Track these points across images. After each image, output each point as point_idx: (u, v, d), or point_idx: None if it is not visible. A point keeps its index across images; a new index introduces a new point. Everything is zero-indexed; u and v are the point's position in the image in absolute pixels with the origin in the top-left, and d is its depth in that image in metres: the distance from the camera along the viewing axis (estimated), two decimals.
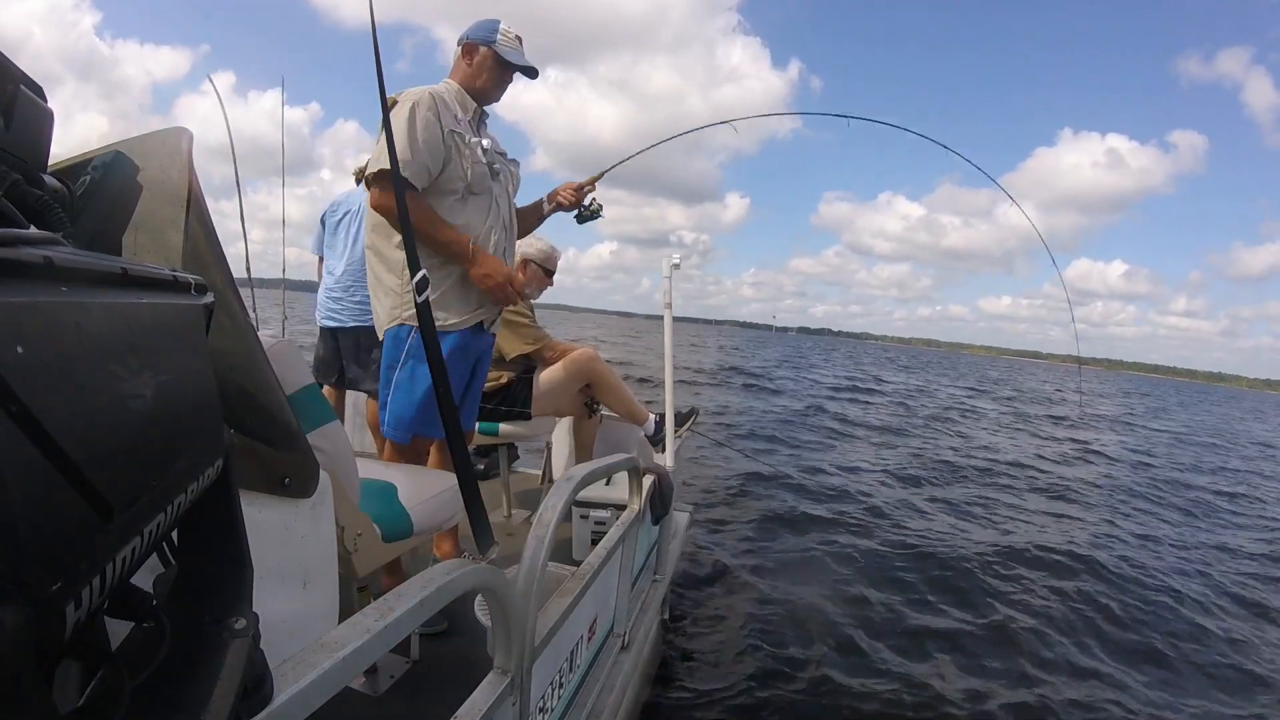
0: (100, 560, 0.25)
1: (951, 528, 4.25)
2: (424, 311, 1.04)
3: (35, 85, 0.47)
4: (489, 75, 1.72)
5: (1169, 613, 3.22)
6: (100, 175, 0.65)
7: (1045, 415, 12.86)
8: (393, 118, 1.54)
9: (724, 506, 4.34)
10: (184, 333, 0.38)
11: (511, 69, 1.74)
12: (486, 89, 1.74)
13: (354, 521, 1.20)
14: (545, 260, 2.48)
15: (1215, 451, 11.03)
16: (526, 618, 0.89)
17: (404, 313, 1.65)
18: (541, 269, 2.48)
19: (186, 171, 0.72)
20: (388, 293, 1.68)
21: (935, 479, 5.85)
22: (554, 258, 2.51)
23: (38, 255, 0.25)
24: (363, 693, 1.34)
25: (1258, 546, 4.78)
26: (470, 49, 1.71)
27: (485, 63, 1.71)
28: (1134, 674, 2.59)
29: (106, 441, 0.26)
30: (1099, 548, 4.12)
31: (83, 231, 0.58)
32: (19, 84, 0.45)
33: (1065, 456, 7.95)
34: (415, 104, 1.56)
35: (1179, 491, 6.73)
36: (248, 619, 0.40)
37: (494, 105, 1.80)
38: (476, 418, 2.02)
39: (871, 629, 2.73)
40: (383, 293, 1.69)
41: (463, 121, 1.69)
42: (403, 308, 1.66)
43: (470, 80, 1.73)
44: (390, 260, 1.67)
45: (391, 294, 1.67)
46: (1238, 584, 3.85)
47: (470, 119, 1.73)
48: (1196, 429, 15.46)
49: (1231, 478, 8.19)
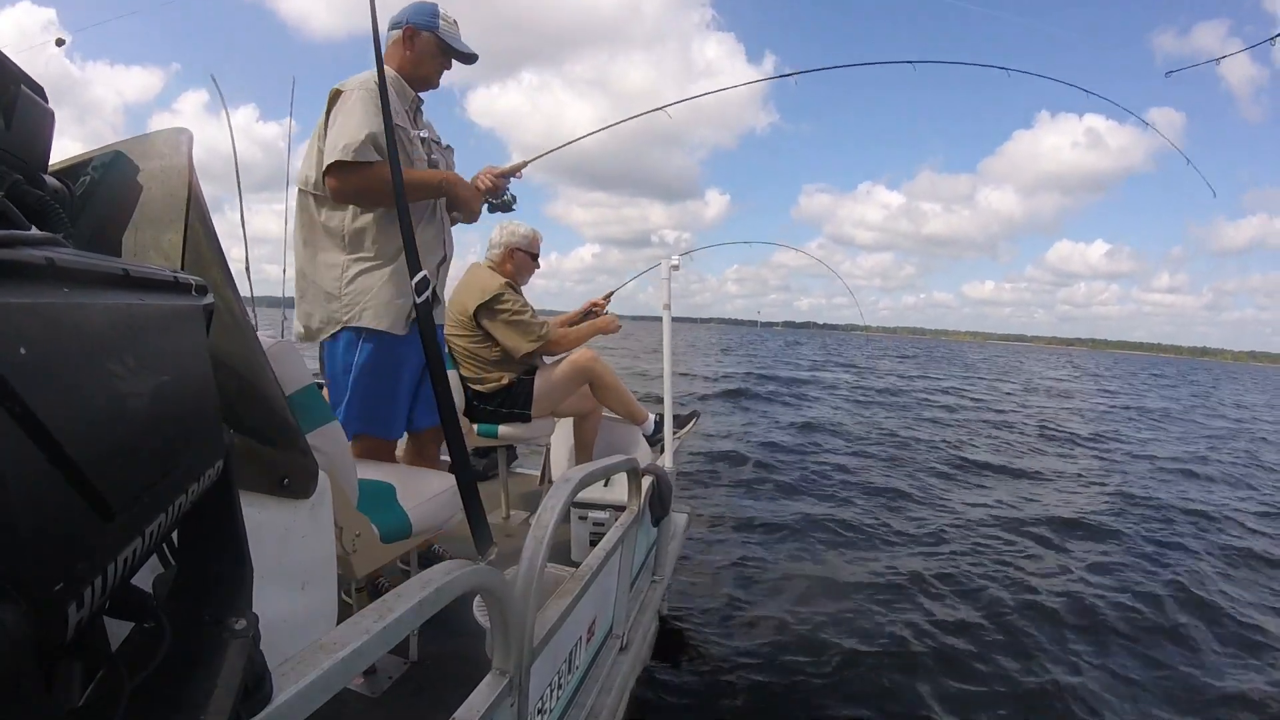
0: (102, 561, 0.25)
1: (955, 527, 4.25)
2: (424, 311, 1.04)
3: (36, 85, 0.47)
4: (431, 62, 1.67)
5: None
6: (100, 175, 0.65)
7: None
8: (345, 105, 1.51)
9: (723, 507, 4.34)
10: (185, 334, 0.39)
11: (453, 55, 1.69)
12: (428, 76, 1.69)
13: (352, 522, 1.20)
14: (529, 245, 2.46)
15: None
16: (525, 619, 0.89)
17: (344, 316, 1.61)
18: (528, 255, 2.46)
19: (187, 171, 0.72)
20: (328, 298, 1.63)
21: (941, 478, 5.86)
22: (537, 241, 2.49)
23: (40, 257, 0.25)
24: (361, 694, 1.34)
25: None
26: (411, 34, 1.64)
27: (428, 49, 1.65)
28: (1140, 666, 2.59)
29: (108, 443, 0.27)
30: (1118, 545, 4.11)
31: (83, 231, 0.58)
32: (20, 84, 0.45)
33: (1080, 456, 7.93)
34: (364, 92, 1.51)
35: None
36: (248, 619, 0.40)
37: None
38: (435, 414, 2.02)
39: (873, 629, 2.73)
40: (322, 298, 1.63)
41: (401, 113, 1.63)
42: (344, 311, 1.61)
43: (411, 67, 1.66)
44: (325, 265, 1.62)
45: (331, 299, 1.62)
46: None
47: (408, 109, 1.68)
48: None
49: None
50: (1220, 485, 6.35)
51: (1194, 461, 7.47)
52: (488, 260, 2.47)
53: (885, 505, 4.72)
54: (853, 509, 4.54)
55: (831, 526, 4.10)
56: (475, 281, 2.37)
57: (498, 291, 2.28)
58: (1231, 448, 9.05)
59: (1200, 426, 11.68)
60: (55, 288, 0.26)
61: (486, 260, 2.48)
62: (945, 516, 4.52)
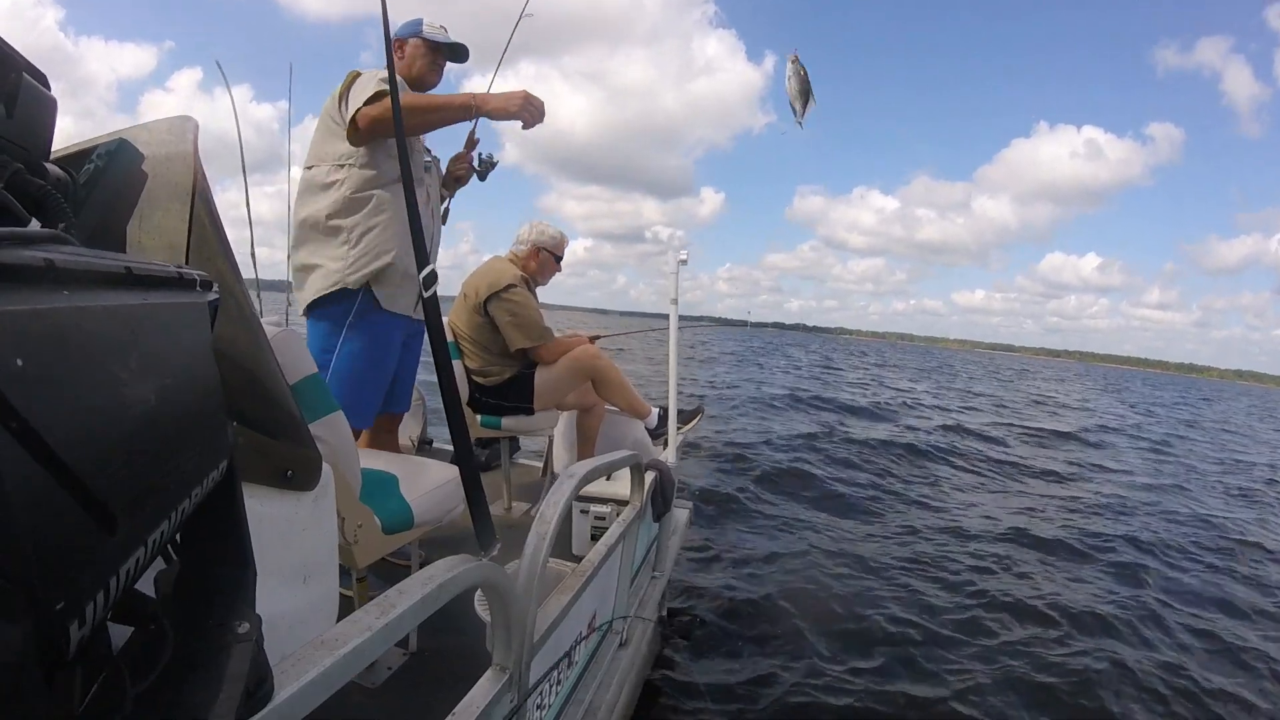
0: (105, 574, 0.25)
1: (959, 528, 4.25)
2: (430, 305, 1.03)
3: (39, 73, 0.46)
4: (422, 62, 1.81)
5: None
6: (104, 163, 0.64)
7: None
8: (363, 77, 1.64)
9: (725, 503, 4.34)
10: (189, 333, 0.38)
11: (441, 49, 1.83)
12: (423, 74, 1.82)
13: (355, 513, 1.20)
14: (556, 247, 2.50)
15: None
16: (526, 614, 0.89)
17: (350, 276, 1.64)
18: (552, 256, 2.49)
19: (192, 159, 0.71)
20: (333, 259, 1.66)
21: (948, 476, 5.86)
22: (564, 244, 2.52)
23: (39, 258, 0.25)
24: (360, 684, 1.35)
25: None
26: (399, 44, 1.79)
27: (416, 52, 1.80)
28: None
29: (109, 451, 0.26)
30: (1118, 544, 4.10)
31: (86, 221, 0.58)
32: (22, 71, 0.44)
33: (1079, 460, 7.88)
34: (380, 73, 1.61)
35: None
36: (250, 622, 0.40)
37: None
38: (411, 398, 2.05)
39: (873, 627, 2.73)
40: (328, 259, 1.66)
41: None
42: (345, 273, 1.64)
43: (406, 71, 1.80)
44: (333, 229, 1.65)
45: (336, 262, 1.65)
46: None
47: None
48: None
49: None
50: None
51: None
52: (510, 254, 2.49)
53: (889, 506, 4.72)
54: (856, 509, 4.54)
55: (835, 524, 4.11)
56: (490, 270, 2.37)
57: (511, 282, 2.30)
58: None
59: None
60: (55, 291, 0.25)
61: (509, 254, 2.50)
62: (957, 517, 4.51)
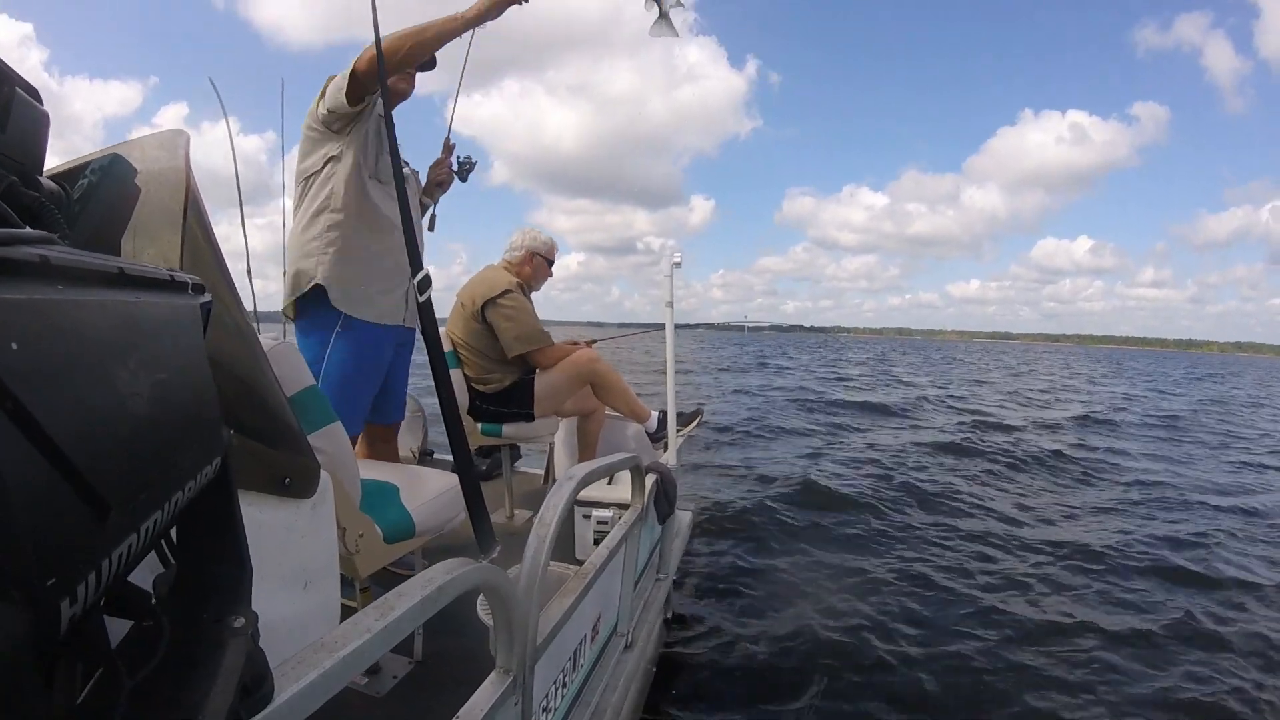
0: (96, 557, 0.25)
1: (963, 527, 4.23)
2: (425, 310, 1.04)
3: (31, 88, 0.47)
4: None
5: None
6: (98, 178, 0.65)
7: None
8: (340, 74, 1.63)
9: (728, 505, 4.33)
10: (181, 331, 0.39)
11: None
12: (395, 84, 1.81)
13: (355, 522, 1.20)
14: (548, 251, 2.55)
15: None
16: (529, 617, 0.89)
17: (321, 272, 1.65)
18: (545, 260, 2.54)
19: (184, 173, 0.72)
20: (306, 257, 1.67)
21: (951, 475, 5.83)
22: (555, 249, 2.58)
23: (34, 254, 0.25)
24: (365, 693, 1.34)
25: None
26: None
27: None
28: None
29: (103, 439, 0.27)
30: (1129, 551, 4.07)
31: (81, 235, 0.58)
32: (14, 86, 0.45)
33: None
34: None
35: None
36: (246, 617, 0.40)
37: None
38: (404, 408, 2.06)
39: (877, 628, 2.72)
40: (303, 258, 1.67)
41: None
42: (316, 270, 1.65)
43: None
44: (313, 216, 1.67)
45: (308, 259, 1.67)
46: None
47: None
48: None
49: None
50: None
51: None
52: (504, 261, 2.54)
53: (895, 505, 4.70)
54: (861, 509, 4.52)
55: (840, 525, 4.09)
56: (485, 278, 2.41)
57: (506, 287, 2.34)
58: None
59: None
60: (49, 285, 0.26)
61: (503, 261, 2.54)
62: (967, 519, 4.48)
